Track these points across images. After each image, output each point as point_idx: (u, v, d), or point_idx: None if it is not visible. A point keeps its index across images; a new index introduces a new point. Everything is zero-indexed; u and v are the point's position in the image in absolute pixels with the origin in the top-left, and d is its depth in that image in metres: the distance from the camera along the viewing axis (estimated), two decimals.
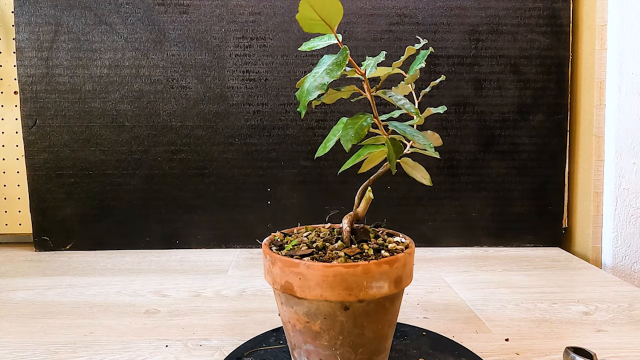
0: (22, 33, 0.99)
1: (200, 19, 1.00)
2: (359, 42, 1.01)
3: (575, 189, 1.04)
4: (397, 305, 0.49)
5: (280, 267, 0.46)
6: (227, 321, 0.66)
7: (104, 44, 1.00)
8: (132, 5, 0.99)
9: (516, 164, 1.04)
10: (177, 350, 0.57)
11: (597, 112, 0.97)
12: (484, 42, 1.02)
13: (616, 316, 0.67)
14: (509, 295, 0.76)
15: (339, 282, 0.43)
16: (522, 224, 1.05)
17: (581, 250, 1.02)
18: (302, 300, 0.45)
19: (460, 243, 1.05)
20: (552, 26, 1.02)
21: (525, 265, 0.92)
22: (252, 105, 1.02)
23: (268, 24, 1.00)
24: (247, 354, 0.55)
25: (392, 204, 1.04)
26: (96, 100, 1.01)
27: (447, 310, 0.69)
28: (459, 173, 1.04)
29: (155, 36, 1.00)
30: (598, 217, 0.98)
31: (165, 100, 1.01)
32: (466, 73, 1.02)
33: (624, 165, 0.94)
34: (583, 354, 0.49)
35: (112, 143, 1.01)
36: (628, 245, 0.95)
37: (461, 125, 1.03)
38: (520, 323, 0.65)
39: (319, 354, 0.47)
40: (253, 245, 1.04)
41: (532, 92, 1.03)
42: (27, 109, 1.00)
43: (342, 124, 0.46)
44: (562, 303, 0.72)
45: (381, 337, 0.48)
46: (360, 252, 0.47)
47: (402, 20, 1.01)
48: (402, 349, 0.56)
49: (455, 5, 1.01)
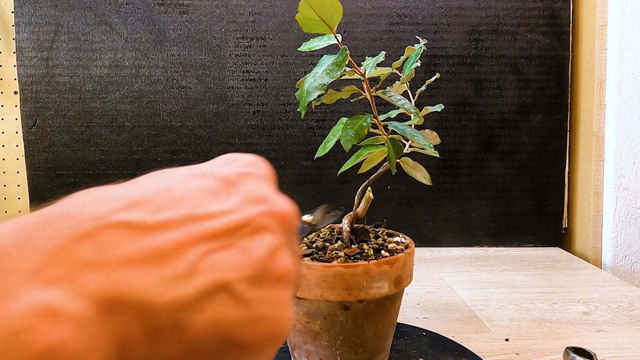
0: (22, 33, 0.99)
1: (200, 19, 1.00)
2: (359, 42, 1.01)
3: (575, 189, 1.04)
4: (397, 305, 0.49)
5: None
6: None
7: (104, 44, 1.00)
8: (132, 5, 0.99)
9: (516, 164, 1.04)
10: None
11: (597, 112, 0.97)
12: (484, 42, 1.02)
13: (616, 316, 0.67)
14: (509, 295, 0.76)
15: (339, 282, 0.43)
16: (522, 224, 1.05)
17: (581, 250, 1.02)
18: (302, 301, 0.45)
19: (460, 243, 1.05)
20: (552, 26, 1.02)
21: (525, 265, 0.92)
22: (252, 105, 1.02)
23: (268, 24, 1.00)
24: None
25: (392, 204, 1.04)
26: (96, 100, 1.01)
27: (447, 310, 0.69)
28: (459, 173, 1.04)
29: (155, 36, 1.00)
30: (598, 217, 0.98)
31: (165, 100, 1.01)
32: (466, 73, 1.02)
33: (624, 165, 0.94)
34: (583, 354, 0.49)
35: (112, 143, 1.01)
36: (628, 245, 0.94)
37: (461, 125, 1.03)
38: (520, 323, 0.65)
39: (319, 354, 0.47)
40: None
41: (532, 92, 1.03)
42: (27, 109, 1.00)
43: (342, 124, 0.46)
44: (562, 303, 0.72)
45: (381, 337, 0.48)
46: (360, 252, 0.47)
47: (402, 20, 1.01)
48: (402, 349, 0.56)
49: (455, 5, 1.01)
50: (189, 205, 0.18)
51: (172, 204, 0.18)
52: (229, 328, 0.17)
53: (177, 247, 0.17)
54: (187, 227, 0.17)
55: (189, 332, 0.16)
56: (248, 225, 0.19)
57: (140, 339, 0.15)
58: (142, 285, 0.15)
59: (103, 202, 0.17)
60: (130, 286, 0.15)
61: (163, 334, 0.16)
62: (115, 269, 0.15)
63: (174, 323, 0.16)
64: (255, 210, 0.19)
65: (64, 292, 0.14)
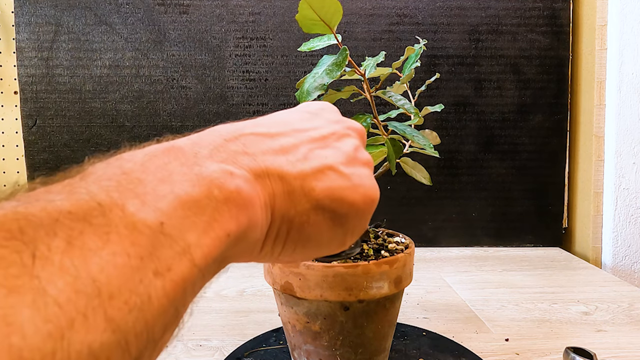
0: (22, 33, 0.99)
1: (200, 19, 1.00)
2: (359, 42, 1.01)
3: (575, 189, 1.04)
4: (397, 306, 0.49)
5: (280, 268, 0.46)
6: (227, 321, 0.66)
7: (104, 44, 1.00)
8: (132, 5, 0.99)
9: (516, 164, 1.04)
10: (177, 351, 0.57)
11: (597, 112, 0.97)
12: (484, 42, 1.02)
13: (616, 316, 0.67)
14: (509, 295, 0.76)
15: (339, 282, 0.43)
16: (522, 224, 1.05)
17: (581, 250, 1.02)
18: (302, 301, 0.45)
19: (460, 243, 1.05)
20: (552, 26, 1.02)
21: (525, 265, 0.92)
22: (252, 105, 1.02)
23: (268, 24, 1.00)
24: (247, 354, 0.55)
25: (392, 204, 1.04)
26: (96, 100, 1.01)
27: (447, 310, 0.69)
28: (459, 173, 1.04)
29: (155, 36, 1.00)
30: (598, 217, 0.98)
31: (165, 100, 1.01)
32: (466, 73, 1.02)
33: (624, 165, 0.94)
34: (583, 354, 0.49)
35: (112, 143, 1.01)
36: (628, 245, 0.94)
37: (461, 125, 1.03)
38: (520, 323, 0.65)
39: (319, 354, 0.47)
40: None
41: (532, 92, 1.03)
42: (27, 109, 1.00)
43: None
44: (562, 303, 0.72)
45: (381, 337, 0.48)
46: (360, 252, 0.47)
47: (402, 20, 1.01)
48: (402, 349, 0.56)
49: (455, 5, 1.01)
50: (292, 124, 0.27)
51: (281, 124, 0.26)
52: (338, 191, 0.25)
53: (293, 145, 0.25)
54: (295, 135, 0.26)
55: (312, 193, 0.24)
56: (335, 134, 0.28)
57: (282, 196, 0.24)
58: (277, 163, 0.24)
59: (236, 125, 0.25)
60: (270, 163, 0.23)
61: (296, 194, 0.24)
62: (257, 155, 0.23)
63: (301, 187, 0.24)
64: (338, 126, 0.29)
65: (230, 165, 0.21)
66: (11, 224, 0.15)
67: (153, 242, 0.17)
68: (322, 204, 0.25)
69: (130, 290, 0.16)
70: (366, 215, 0.28)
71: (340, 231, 0.27)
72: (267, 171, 0.23)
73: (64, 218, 0.16)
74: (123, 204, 0.17)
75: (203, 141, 0.22)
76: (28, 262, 0.14)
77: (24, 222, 0.15)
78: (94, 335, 0.14)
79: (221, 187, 0.20)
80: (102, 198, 0.17)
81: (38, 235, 0.15)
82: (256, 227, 0.22)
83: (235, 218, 0.21)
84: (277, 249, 0.25)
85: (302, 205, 0.24)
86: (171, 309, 0.17)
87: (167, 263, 0.17)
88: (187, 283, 0.18)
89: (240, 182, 0.21)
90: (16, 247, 0.14)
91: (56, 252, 0.15)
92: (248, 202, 0.21)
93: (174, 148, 0.21)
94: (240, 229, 0.21)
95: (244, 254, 0.23)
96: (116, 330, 0.15)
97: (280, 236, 0.25)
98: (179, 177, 0.19)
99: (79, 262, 0.15)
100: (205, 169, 0.20)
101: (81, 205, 0.16)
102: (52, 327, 0.13)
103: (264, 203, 0.23)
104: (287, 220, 0.24)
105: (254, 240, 0.23)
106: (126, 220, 0.17)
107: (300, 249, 0.26)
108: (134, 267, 0.16)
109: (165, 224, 0.18)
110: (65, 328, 0.14)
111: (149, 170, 0.19)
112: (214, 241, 0.19)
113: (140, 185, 0.18)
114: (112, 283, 0.15)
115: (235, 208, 0.21)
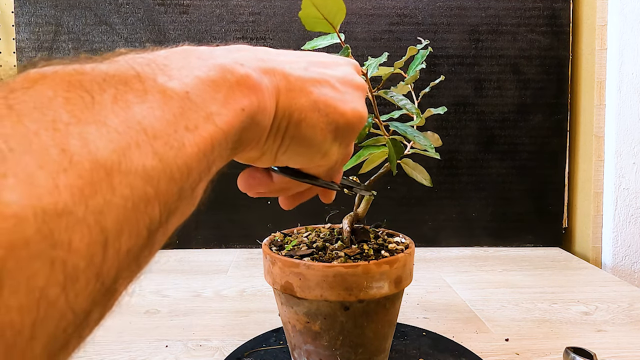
0: (22, 33, 0.99)
1: (200, 19, 1.00)
2: (359, 42, 1.01)
3: (575, 189, 1.04)
4: (397, 306, 0.49)
5: (280, 267, 0.46)
6: (227, 321, 0.66)
7: (104, 44, 1.00)
8: (132, 5, 0.99)
9: (516, 164, 1.04)
10: (177, 351, 0.57)
11: (597, 112, 0.97)
12: (484, 42, 1.02)
13: (616, 316, 0.67)
14: (509, 295, 0.76)
15: (339, 282, 0.43)
16: (522, 224, 1.05)
17: (581, 250, 1.02)
18: (302, 301, 0.45)
19: (460, 243, 1.05)
20: (552, 26, 1.02)
21: (525, 265, 0.92)
22: None
23: (268, 24, 1.00)
24: (247, 354, 0.55)
25: (392, 204, 1.04)
26: None
27: (447, 310, 0.69)
28: (459, 173, 1.04)
29: (155, 36, 1.00)
30: (598, 217, 0.98)
31: None
32: (466, 73, 1.02)
33: (624, 165, 0.94)
34: (583, 354, 0.50)
35: None
36: (628, 245, 0.95)
37: (461, 125, 1.03)
38: (520, 323, 0.65)
39: (319, 354, 0.47)
40: (253, 245, 1.04)
41: (532, 92, 1.03)
42: None
43: None
44: (562, 303, 0.72)
45: (381, 337, 0.48)
46: (360, 252, 0.47)
47: (402, 20, 1.01)
48: (402, 349, 0.56)
49: (455, 5, 1.01)
50: (296, 52, 0.32)
51: (286, 52, 0.32)
52: (332, 100, 0.30)
53: (296, 61, 0.30)
54: (299, 55, 0.32)
55: (311, 95, 0.29)
56: (334, 62, 0.33)
57: (285, 92, 0.28)
58: (282, 66, 0.29)
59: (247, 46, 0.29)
60: (276, 65, 0.28)
61: (296, 92, 0.29)
62: (265, 60, 0.28)
63: (302, 88, 0.29)
64: (336, 57, 0.35)
65: (240, 60, 0.25)
66: (71, 77, 0.18)
67: (181, 105, 0.21)
68: (318, 105, 0.30)
69: (168, 135, 0.20)
70: (354, 130, 0.32)
71: (330, 137, 0.31)
72: (274, 70, 0.28)
73: (110, 79, 0.19)
74: (154, 77, 0.21)
75: (218, 49, 0.27)
76: (89, 104, 0.18)
77: (81, 76, 0.19)
78: (146, 159, 0.18)
79: (233, 72, 0.24)
80: (138, 70, 0.21)
81: (93, 87, 0.19)
82: (265, 112, 0.26)
83: (247, 97, 0.24)
84: (276, 143, 0.29)
85: (301, 103, 0.29)
86: (204, 160, 0.21)
87: (195, 122, 0.21)
88: (214, 141, 0.22)
89: (250, 70, 0.25)
90: (79, 93, 0.18)
91: (108, 101, 0.19)
92: (257, 86, 0.25)
93: (192, 49, 0.26)
94: (252, 108, 0.25)
95: (253, 140, 0.27)
96: (162, 160, 0.19)
97: (280, 130, 0.29)
98: (197, 64, 0.24)
99: (126, 110, 0.19)
100: (218, 61, 0.24)
101: (123, 72, 0.20)
102: (115, 146, 0.17)
103: (271, 93, 0.27)
104: (287, 115, 0.28)
105: (262, 126, 0.27)
106: (158, 87, 0.21)
107: (294, 146, 0.30)
108: (169, 120, 0.20)
109: (190, 93, 0.21)
110: (125, 148, 0.18)
111: (171, 60, 0.23)
112: (231, 112, 0.23)
113: (166, 68, 0.22)
114: (154, 126, 0.19)
115: (246, 89, 0.24)
